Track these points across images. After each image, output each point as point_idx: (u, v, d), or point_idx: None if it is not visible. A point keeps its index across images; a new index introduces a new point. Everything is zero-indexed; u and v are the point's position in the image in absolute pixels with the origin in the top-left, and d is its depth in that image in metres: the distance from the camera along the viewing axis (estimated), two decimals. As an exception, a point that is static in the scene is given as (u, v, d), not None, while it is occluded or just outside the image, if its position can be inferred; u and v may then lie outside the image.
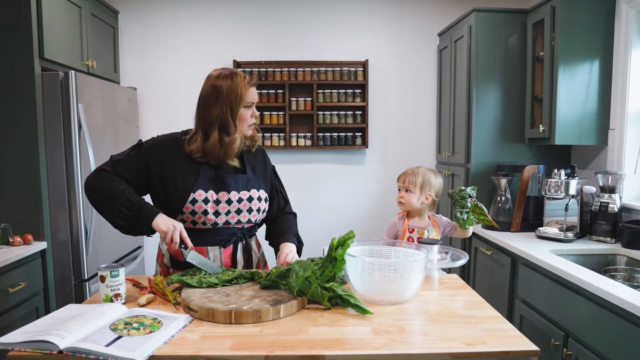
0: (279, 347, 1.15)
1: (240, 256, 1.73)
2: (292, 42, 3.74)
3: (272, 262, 1.86)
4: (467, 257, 1.75)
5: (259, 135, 1.80)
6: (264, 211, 1.76)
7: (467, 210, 1.89)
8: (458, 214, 1.91)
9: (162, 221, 1.55)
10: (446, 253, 1.83)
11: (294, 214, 1.90)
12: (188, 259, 1.55)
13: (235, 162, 1.67)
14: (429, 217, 1.99)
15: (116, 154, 1.69)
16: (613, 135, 2.66)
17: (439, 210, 3.52)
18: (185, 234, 1.56)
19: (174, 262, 1.71)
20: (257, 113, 1.71)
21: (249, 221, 1.71)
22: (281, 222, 1.83)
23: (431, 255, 1.71)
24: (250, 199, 1.68)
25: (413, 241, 1.92)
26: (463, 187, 1.91)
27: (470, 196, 1.89)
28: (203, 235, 1.66)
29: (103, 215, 1.63)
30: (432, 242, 1.75)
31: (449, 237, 2.06)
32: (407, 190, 1.93)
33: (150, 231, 1.58)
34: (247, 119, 1.66)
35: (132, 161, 1.65)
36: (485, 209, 1.91)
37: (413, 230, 1.94)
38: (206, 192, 1.62)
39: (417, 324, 1.31)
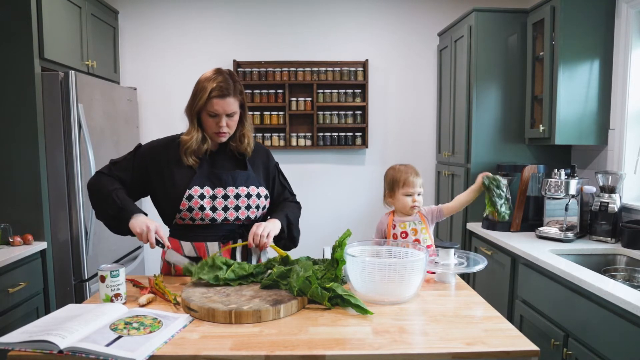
0: (279, 347, 1.15)
1: (239, 253, 1.73)
2: (292, 42, 3.73)
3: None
4: (486, 262, 1.64)
5: (248, 142, 1.73)
6: (264, 208, 1.76)
7: (504, 200, 1.83)
8: (499, 207, 1.85)
9: (137, 222, 1.56)
10: (467, 258, 1.72)
11: (297, 203, 1.89)
12: (166, 258, 1.59)
13: (190, 162, 1.65)
14: None
15: (116, 157, 1.74)
16: (613, 135, 2.66)
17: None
18: (161, 233, 1.57)
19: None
20: (224, 123, 1.62)
21: (248, 218, 1.71)
22: (278, 205, 1.84)
23: (448, 260, 1.64)
24: (248, 196, 1.69)
25: (397, 238, 1.89)
26: (496, 176, 1.86)
27: (504, 186, 1.83)
28: (202, 231, 1.68)
29: (97, 216, 1.68)
30: (449, 245, 1.65)
31: (438, 222, 2.03)
32: (418, 194, 1.92)
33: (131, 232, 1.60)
34: (211, 127, 1.64)
35: (129, 163, 1.69)
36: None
37: (395, 225, 1.92)
38: (202, 188, 1.64)
39: (417, 324, 1.31)
